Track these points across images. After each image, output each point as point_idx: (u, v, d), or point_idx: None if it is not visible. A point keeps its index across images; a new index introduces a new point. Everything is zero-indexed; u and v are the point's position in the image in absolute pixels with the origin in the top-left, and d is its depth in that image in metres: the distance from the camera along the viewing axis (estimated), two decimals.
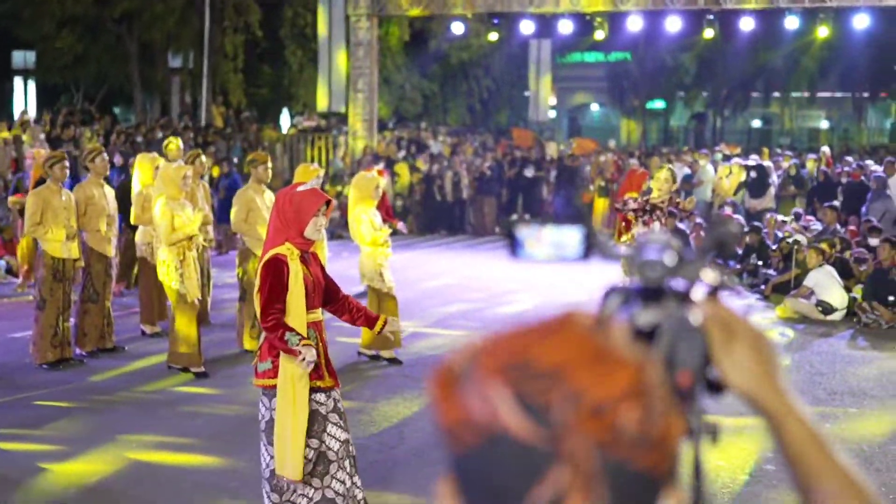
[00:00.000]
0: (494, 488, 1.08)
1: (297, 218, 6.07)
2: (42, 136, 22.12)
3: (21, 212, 14.70)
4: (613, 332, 1.13)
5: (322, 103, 29.15)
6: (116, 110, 37.28)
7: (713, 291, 1.42)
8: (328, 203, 6.26)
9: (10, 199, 16.44)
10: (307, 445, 6.11)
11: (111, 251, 11.87)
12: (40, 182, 11.98)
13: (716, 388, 1.40)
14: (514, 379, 1.06)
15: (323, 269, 6.31)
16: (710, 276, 1.44)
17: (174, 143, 14.17)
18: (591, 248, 1.54)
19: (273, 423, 6.10)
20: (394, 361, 11.53)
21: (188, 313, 10.80)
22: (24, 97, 34.00)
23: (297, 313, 6.02)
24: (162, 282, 11.06)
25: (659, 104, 50.03)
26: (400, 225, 13.51)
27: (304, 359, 5.91)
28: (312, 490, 6.19)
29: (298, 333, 5.94)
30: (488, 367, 1.08)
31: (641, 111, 49.51)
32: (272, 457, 6.12)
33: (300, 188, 6.25)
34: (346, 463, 6.26)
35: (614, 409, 1.05)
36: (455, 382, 1.10)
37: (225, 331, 12.78)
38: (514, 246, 1.53)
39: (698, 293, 1.41)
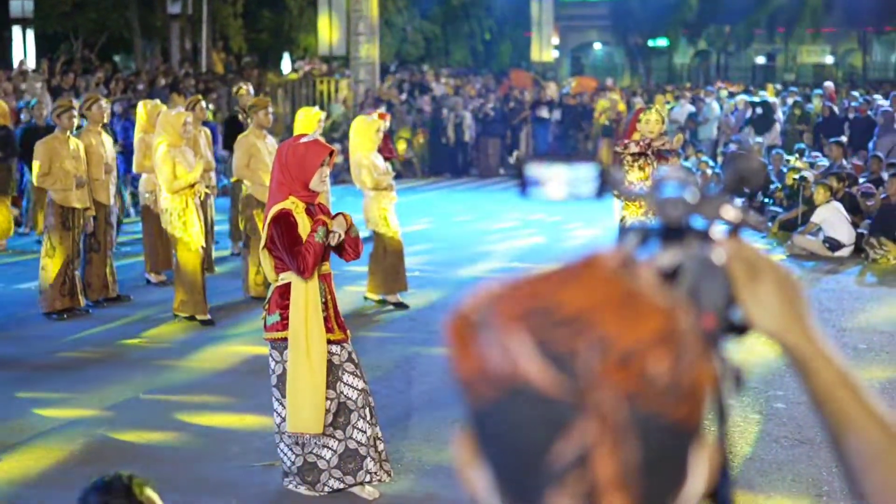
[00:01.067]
0: (516, 444, 1.02)
1: (302, 171, 6.00)
2: (39, 84, 21.97)
3: None
4: (641, 275, 1.06)
5: (323, 47, 28.94)
6: (116, 58, 37.03)
7: (734, 229, 1.36)
8: (331, 153, 6.19)
9: None
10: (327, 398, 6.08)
11: (109, 199, 11.81)
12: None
13: (740, 329, 1.34)
14: (535, 326, 1.00)
15: (331, 219, 6.21)
16: (731, 213, 1.38)
17: (244, 89, 14.87)
18: (605, 186, 1.47)
19: (285, 375, 6.05)
20: (400, 305, 11.49)
21: (193, 261, 10.75)
22: (24, 46, 33.72)
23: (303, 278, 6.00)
24: (165, 230, 11.01)
25: (662, 42, 49.62)
26: (404, 151, 13.82)
27: (335, 232, 6.00)
28: (336, 441, 6.16)
29: (319, 227, 5.95)
30: (507, 313, 1.02)
31: (645, 49, 49.11)
32: (286, 410, 6.08)
33: (303, 140, 6.16)
34: (367, 412, 6.23)
35: (644, 357, 0.99)
36: (472, 331, 1.03)
37: (229, 279, 12.74)
38: (524, 185, 1.46)
39: (719, 231, 1.35)
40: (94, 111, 11.63)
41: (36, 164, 11.07)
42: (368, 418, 6.21)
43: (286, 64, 37.55)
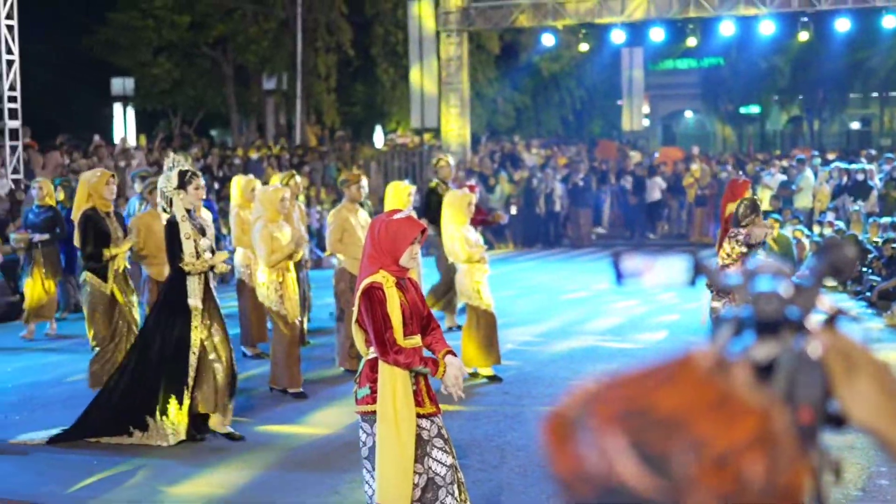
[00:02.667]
0: None
1: (393, 246, 6.05)
2: (136, 161, 22.51)
3: (28, 249, 14.48)
4: (735, 375, 1.07)
5: (414, 119, 29.28)
6: (213, 133, 37.86)
7: (830, 319, 1.36)
8: (423, 231, 6.24)
9: (15, 235, 15.11)
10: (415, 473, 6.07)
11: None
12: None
13: (837, 422, 1.33)
14: (631, 427, 1.01)
15: (421, 295, 6.25)
16: (826, 304, 1.38)
17: (444, 160, 15.02)
18: (698, 275, 1.49)
19: (375, 449, 6.07)
20: (493, 379, 11.47)
21: (288, 334, 10.87)
22: (124, 122, 34.70)
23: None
24: (261, 303, 11.15)
25: (754, 109, 49.31)
26: (501, 215, 14.32)
27: (448, 388, 6.08)
28: None
29: (429, 365, 6.02)
30: (604, 414, 1.03)
31: (736, 116, 48.86)
32: (376, 483, 6.09)
33: (396, 216, 6.21)
34: (454, 488, 6.20)
35: (739, 459, 1.00)
36: (569, 431, 1.05)
37: (324, 350, 12.84)
38: (620, 275, 1.49)
39: (815, 322, 1.35)
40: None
41: (132, 241, 11.25)
42: (457, 494, 6.18)
43: (378, 136, 38.02)
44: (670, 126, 53.47)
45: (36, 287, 14.53)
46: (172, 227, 9.16)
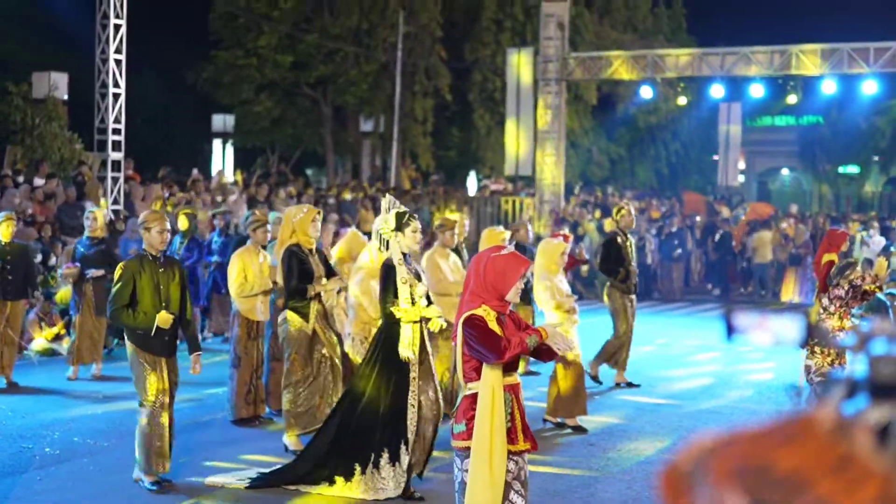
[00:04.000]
0: None
1: (501, 283, 6.05)
2: (234, 196, 22.86)
3: (77, 283, 13.79)
4: (856, 437, 1.07)
5: (509, 166, 29.36)
6: (309, 172, 38.33)
7: None
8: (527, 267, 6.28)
9: (64, 270, 14.50)
10: None
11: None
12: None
13: None
14: (750, 485, 1.01)
15: (521, 326, 6.25)
16: None
17: (626, 209, 14.06)
18: (810, 336, 1.49)
19: (465, 485, 6.08)
20: (578, 429, 11.40)
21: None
22: (223, 159, 35.30)
23: (494, 375, 6.01)
24: (347, 353, 11.13)
25: (852, 169, 48.64)
26: (583, 252, 13.68)
27: (556, 344, 6.02)
28: None
29: (533, 334, 6.00)
30: (722, 470, 1.03)
31: (834, 176, 48.23)
32: None
33: (502, 252, 6.23)
34: None
35: None
36: (685, 485, 1.05)
37: None
38: (731, 331, 1.49)
39: None
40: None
41: (232, 276, 11.43)
42: None
43: (472, 182, 38.17)
44: (766, 183, 52.93)
45: (85, 325, 13.84)
46: (389, 271, 8.61)
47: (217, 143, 35.98)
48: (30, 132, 21.44)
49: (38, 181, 19.85)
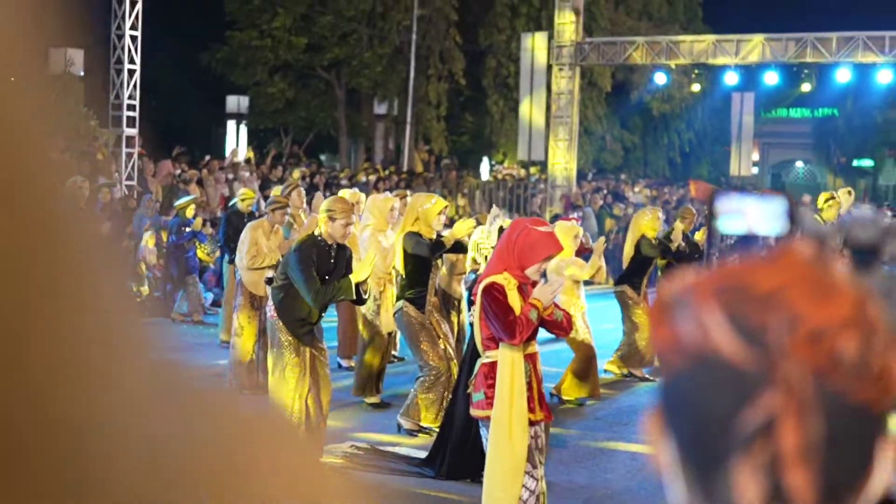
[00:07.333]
0: (701, 411, 1.06)
1: (528, 254, 5.97)
2: (247, 175, 22.91)
3: None
4: (834, 265, 1.10)
5: (522, 151, 29.36)
6: (322, 155, 38.39)
7: None
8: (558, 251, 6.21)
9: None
10: (523, 485, 6.04)
11: None
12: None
13: None
14: (728, 301, 1.04)
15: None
16: None
17: (690, 210, 14.03)
18: (793, 222, 1.51)
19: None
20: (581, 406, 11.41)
21: (377, 345, 10.94)
22: (236, 140, 35.36)
23: (511, 344, 6.00)
24: (358, 313, 11.24)
25: (867, 162, 48.54)
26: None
27: (553, 290, 6.02)
28: None
29: (532, 309, 5.96)
30: (703, 290, 1.07)
31: (848, 169, 48.12)
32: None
33: (541, 227, 6.15)
34: (537, 499, 6.20)
35: (834, 336, 1.02)
36: (670, 308, 1.09)
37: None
38: (713, 216, 1.51)
39: None
40: (294, 197, 12.02)
41: (246, 247, 11.51)
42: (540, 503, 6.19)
43: (485, 167, 38.19)
44: (779, 175, 52.83)
45: None
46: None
47: (231, 125, 36.05)
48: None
49: None
